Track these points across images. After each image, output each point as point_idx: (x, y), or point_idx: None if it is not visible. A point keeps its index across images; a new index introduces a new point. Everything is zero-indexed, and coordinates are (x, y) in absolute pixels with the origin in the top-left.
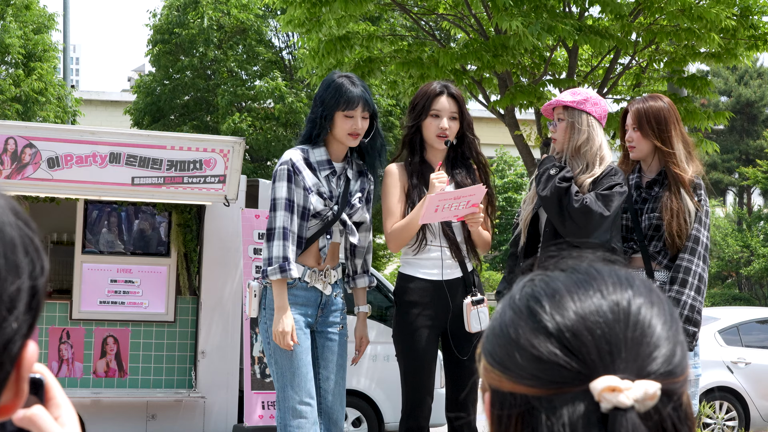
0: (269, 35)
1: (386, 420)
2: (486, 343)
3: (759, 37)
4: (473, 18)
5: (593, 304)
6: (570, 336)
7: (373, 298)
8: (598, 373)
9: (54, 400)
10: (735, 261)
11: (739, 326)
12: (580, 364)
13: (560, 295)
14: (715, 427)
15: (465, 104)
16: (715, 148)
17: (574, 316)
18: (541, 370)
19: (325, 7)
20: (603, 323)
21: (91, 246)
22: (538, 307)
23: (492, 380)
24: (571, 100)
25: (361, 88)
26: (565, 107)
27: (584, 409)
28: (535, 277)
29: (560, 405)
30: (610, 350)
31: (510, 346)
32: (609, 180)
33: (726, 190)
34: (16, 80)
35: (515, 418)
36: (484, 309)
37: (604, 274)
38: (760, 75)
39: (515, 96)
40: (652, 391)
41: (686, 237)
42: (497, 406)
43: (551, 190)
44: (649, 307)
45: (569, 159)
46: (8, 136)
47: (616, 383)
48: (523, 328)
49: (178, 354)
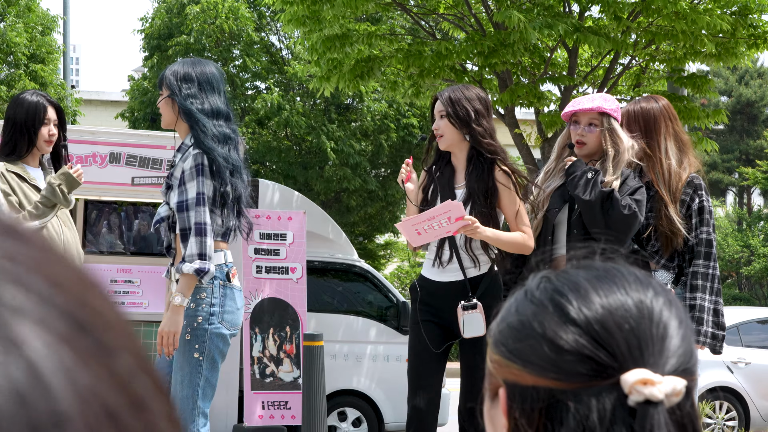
0: (268, 36)
1: (386, 420)
2: (500, 338)
3: (759, 36)
4: (473, 18)
5: (618, 300)
6: (599, 328)
7: (373, 298)
8: (628, 366)
9: None
10: (735, 261)
11: (739, 326)
12: (609, 356)
13: (585, 289)
14: (715, 427)
15: (459, 103)
16: (714, 147)
17: (602, 310)
18: (568, 362)
19: (326, 5)
20: (630, 318)
21: (91, 246)
22: (563, 300)
23: (509, 375)
24: (609, 108)
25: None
26: (601, 113)
27: (613, 402)
28: (550, 274)
29: (588, 398)
30: (638, 345)
31: (533, 340)
32: (632, 183)
33: (726, 190)
34: (16, 81)
35: (538, 412)
36: (474, 314)
37: (623, 272)
38: (760, 75)
39: (515, 96)
40: (680, 387)
41: (682, 236)
42: (517, 401)
43: (596, 194)
44: (668, 307)
45: (600, 164)
46: None
47: (649, 376)
48: (549, 320)
49: None
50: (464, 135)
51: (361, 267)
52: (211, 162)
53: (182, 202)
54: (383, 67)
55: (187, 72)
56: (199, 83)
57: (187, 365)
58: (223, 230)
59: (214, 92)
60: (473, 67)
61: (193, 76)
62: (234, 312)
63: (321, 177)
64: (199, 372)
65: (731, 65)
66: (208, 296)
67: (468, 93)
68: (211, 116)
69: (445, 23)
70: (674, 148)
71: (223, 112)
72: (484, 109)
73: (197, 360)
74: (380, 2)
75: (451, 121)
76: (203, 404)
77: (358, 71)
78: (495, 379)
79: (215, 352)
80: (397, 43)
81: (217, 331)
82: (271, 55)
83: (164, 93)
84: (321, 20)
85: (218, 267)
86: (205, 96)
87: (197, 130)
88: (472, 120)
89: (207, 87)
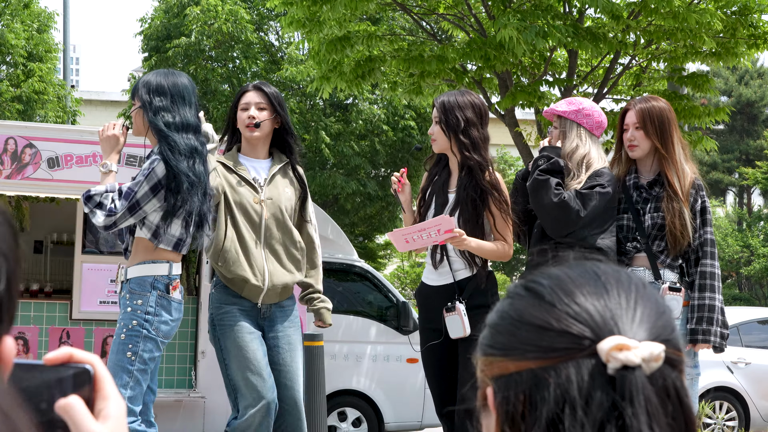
0: (268, 36)
1: (386, 420)
2: (483, 341)
3: (759, 36)
4: (473, 18)
5: (591, 278)
6: (573, 304)
7: (373, 298)
8: (604, 336)
9: (102, 391)
10: (735, 261)
11: (739, 326)
12: (585, 328)
13: (558, 276)
14: (715, 427)
15: (452, 111)
16: (714, 146)
17: (575, 288)
18: (546, 338)
19: (326, 5)
20: (604, 293)
21: (91, 246)
22: (537, 286)
23: (494, 371)
24: (564, 110)
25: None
26: (558, 116)
27: (592, 372)
28: (524, 276)
29: (567, 371)
30: (612, 316)
31: (512, 327)
32: (592, 180)
33: (726, 190)
34: (15, 81)
35: (522, 395)
36: (453, 316)
37: (597, 267)
38: (760, 75)
39: (515, 96)
40: (657, 351)
41: (689, 237)
42: (503, 390)
43: (532, 181)
44: (641, 284)
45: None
46: (8, 136)
47: (624, 341)
48: (524, 305)
49: (178, 354)
50: (451, 144)
51: (361, 267)
52: (174, 175)
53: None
54: (383, 67)
55: (160, 84)
56: (171, 96)
57: (119, 364)
58: (175, 241)
59: (186, 104)
60: (473, 68)
61: (166, 89)
62: (168, 323)
63: (313, 181)
64: (130, 371)
65: (731, 65)
66: (144, 304)
67: (462, 100)
68: (181, 129)
69: (445, 23)
70: (681, 150)
71: (193, 124)
72: (476, 118)
73: (129, 359)
74: (380, 2)
75: (442, 128)
76: (132, 404)
77: (359, 72)
78: (484, 383)
79: (146, 355)
80: (397, 44)
81: (150, 337)
82: (270, 55)
83: (136, 103)
84: (321, 22)
85: (159, 278)
86: (177, 109)
87: (164, 146)
88: (460, 130)
89: (179, 99)
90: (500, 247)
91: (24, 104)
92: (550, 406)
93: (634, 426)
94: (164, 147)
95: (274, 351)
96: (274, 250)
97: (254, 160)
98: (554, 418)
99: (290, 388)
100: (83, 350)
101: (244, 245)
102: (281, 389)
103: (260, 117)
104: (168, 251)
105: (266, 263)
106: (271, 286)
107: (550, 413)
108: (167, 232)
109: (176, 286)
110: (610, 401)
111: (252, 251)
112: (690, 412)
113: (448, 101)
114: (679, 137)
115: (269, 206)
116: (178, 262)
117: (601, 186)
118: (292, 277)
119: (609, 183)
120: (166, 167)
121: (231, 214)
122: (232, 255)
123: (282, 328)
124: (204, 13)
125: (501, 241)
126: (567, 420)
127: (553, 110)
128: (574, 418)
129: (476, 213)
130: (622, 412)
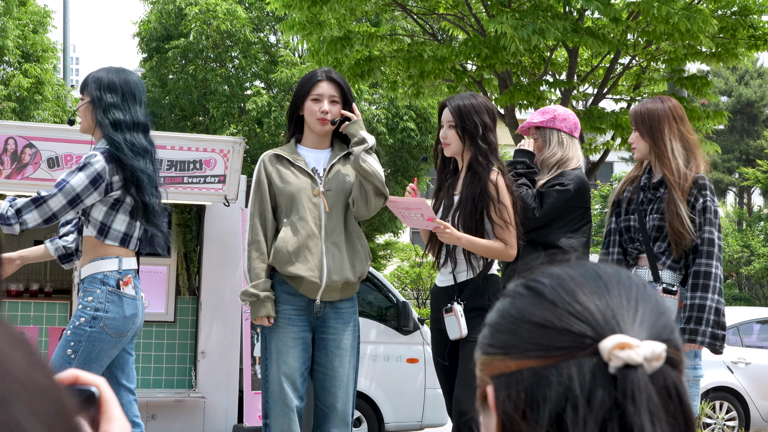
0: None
1: (386, 420)
2: (482, 340)
3: (759, 36)
4: (473, 18)
5: (591, 276)
6: (575, 303)
7: (373, 299)
8: (606, 334)
9: (107, 413)
10: (735, 261)
11: (739, 326)
12: (586, 327)
13: (559, 276)
14: (715, 427)
15: (469, 116)
16: (716, 148)
17: (576, 287)
18: (547, 337)
19: (326, 5)
20: (605, 292)
21: None
22: (538, 285)
23: (494, 370)
24: (540, 120)
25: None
26: (537, 127)
27: (593, 371)
28: (522, 276)
29: (569, 370)
30: (614, 314)
31: (513, 326)
32: (554, 180)
33: (726, 190)
34: (8, 80)
35: (523, 394)
36: (450, 317)
37: (598, 267)
38: (760, 75)
39: (515, 96)
40: (659, 350)
41: (690, 237)
42: (503, 389)
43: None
44: (641, 283)
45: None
46: (8, 136)
47: (626, 340)
48: (525, 304)
49: (178, 354)
50: (468, 147)
51: None
52: (131, 173)
53: (60, 181)
54: (383, 67)
55: (111, 80)
56: (122, 93)
57: (59, 359)
58: (122, 236)
59: (136, 103)
60: (473, 67)
61: (117, 86)
62: (118, 319)
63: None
64: (66, 369)
65: (731, 65)
66: (93, 301)
67: (477, 104)
68: (131, 128)
69: (445, 23)
70: (680, 149)
71: (142, 123)
72: (491, 122)
73: (68, 356)
74: (380, 2)
75: (458, 133)
76: None
77: (358, 71)
78: (483, 382)
79: (90, 354)
80: (397, 44)
81: (96, 335)
82: (270, 55)
83: (85, 98)
84: (321, 24)
85: (109, 274)
86: (127, 106)
87: (113, 144)
88: (479, 136)
89: (130, 97)
90: (497, 246)
91: (18, 102)
92: (551, 405)
93: (636, 424)
94: (114, 145)
95: (322, 353)
96: (335, 242)
97: (314, 151)
98: (555, 416)
99: (332, 393)
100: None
101: (299, 240)
102: (324, 393)
103: (334, 112)
104: (116, 247)
105: (325, 257)
106: (330, 282)
107: (551, 412)
108: (112, 228)
109: (128, 282)
110: (612, 400)
111: (309, 246)
112: (690, 412)
113: (463, 105)
114: (681, 136)
115: (329, 197)
116: (131, 257)
117: (561, 185)
118: (353, 272)
119: (571, 182)
120: (121, 164)
121: (285, 210)
122: (284, 254)
123: (334, 330)
124: (203, 12)
125: (500, 241)
126: (569, 418)
127: (530, 123)
128: (575, 416)
129: (476, 213)
130: (624, 411)
